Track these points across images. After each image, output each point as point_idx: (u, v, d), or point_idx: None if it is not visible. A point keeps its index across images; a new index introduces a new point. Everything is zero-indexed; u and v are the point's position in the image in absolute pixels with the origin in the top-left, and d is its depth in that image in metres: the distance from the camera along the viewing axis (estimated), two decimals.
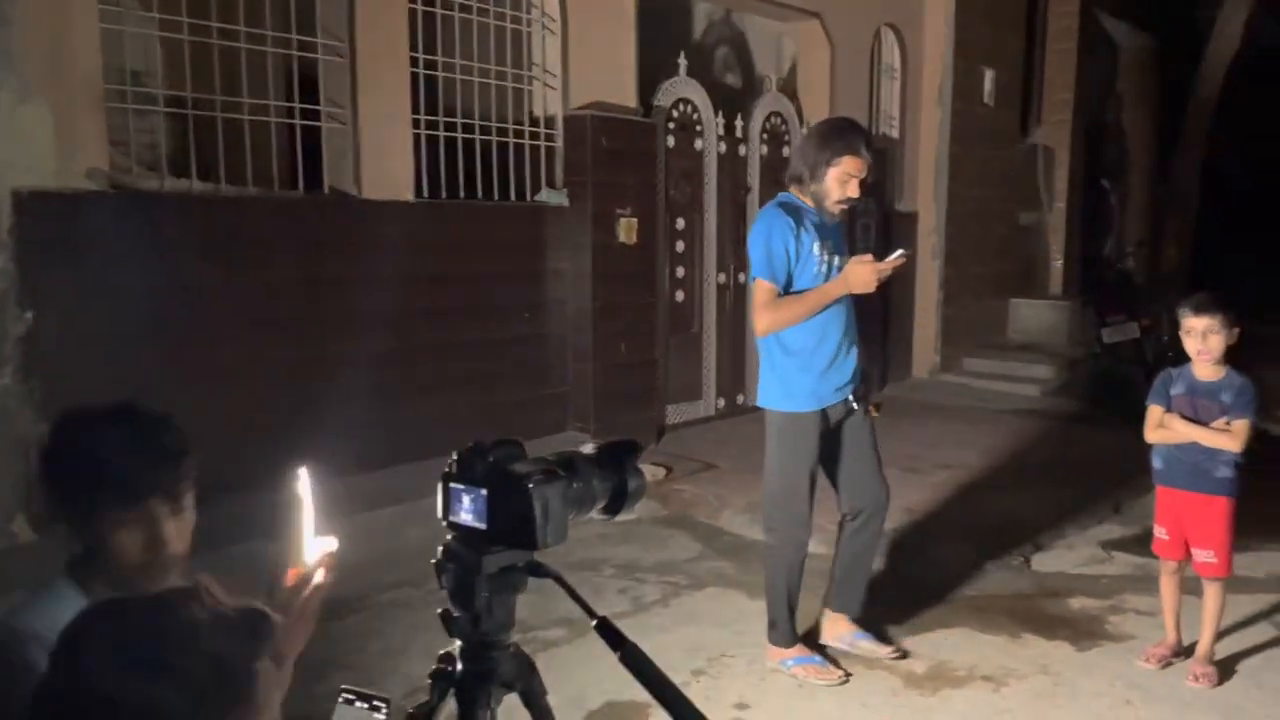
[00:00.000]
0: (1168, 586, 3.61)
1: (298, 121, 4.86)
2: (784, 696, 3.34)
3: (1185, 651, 3.57)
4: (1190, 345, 3.43)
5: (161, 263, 4.24)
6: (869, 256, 3.30)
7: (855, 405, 3.49)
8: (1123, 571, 4.52)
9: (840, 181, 3.32)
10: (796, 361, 3.40)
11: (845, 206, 3.39)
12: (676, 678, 3.14)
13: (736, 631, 3.81)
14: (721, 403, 7.12)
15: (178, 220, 4.42)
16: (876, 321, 8.06)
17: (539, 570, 1.25)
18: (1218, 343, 3.38)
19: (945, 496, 5.44)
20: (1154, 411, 3.51)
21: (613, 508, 1.33)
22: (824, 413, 3.44)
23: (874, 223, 7.96)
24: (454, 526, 1.25)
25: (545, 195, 5.90)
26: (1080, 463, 6.15)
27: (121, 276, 4.10)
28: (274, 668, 1.05)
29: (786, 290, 3.35)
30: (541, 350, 5.91)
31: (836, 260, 3.41)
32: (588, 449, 1.36)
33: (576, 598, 1.21)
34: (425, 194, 5.30)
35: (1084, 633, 3.87)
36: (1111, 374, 7.66)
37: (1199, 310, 3.41)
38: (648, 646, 1.23)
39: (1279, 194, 13.13)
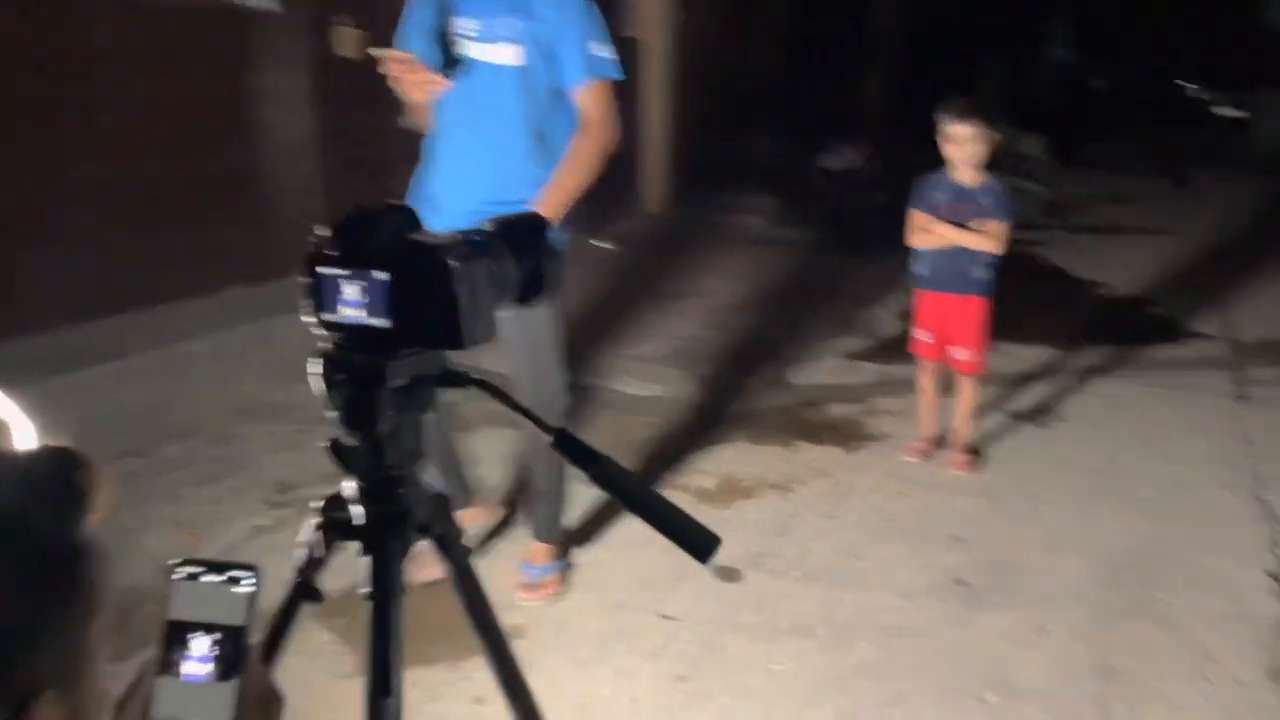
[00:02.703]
0: (927, 385, 3.83)
1: None
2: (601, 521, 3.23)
3: (939, 443, 3.84)
4: (954, 152, 3.53)
5: None
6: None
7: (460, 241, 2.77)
8: (869, 379, 4.79)
9: None
10: None
11: None
12: None
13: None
14: None
15: None
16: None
17: (458, 378, 0.94)
18: (979, 149, 3.50)
19: (698, 321, 5.49)
20: (916, 216, 3.62)
21: (526, 295, 1.04)
22: None
23: None
24: (335, 328, 0.90)
25: None
26: (812, 284, 6.42)
27: None
28: (101, 536, 0.71)
29: None
30: (259, 184, 5.17)
31: (477, 48, 2.66)
32: (486, 225, 1.05)
33: (521, 409, 0.93)
34: None
35: (847, 435, 4.07)
36: (832, 200, 8.04)
37: (962, 117, 3.50)
38: None
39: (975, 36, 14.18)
